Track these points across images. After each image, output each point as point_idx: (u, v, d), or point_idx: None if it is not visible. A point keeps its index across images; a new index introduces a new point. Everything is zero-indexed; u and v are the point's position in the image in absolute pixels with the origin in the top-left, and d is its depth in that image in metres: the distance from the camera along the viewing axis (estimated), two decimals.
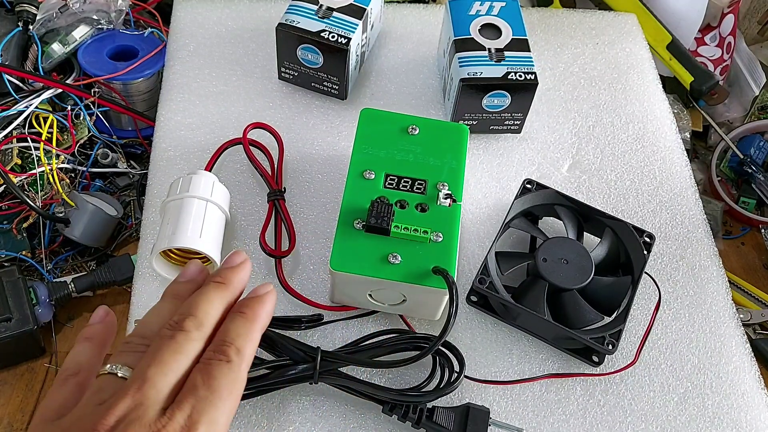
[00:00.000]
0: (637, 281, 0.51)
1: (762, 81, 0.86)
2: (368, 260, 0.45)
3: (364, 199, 0.48)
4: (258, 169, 0.56)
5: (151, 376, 0.30)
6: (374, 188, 0.49)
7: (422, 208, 0.48)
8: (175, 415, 0.29)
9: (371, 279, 0.45)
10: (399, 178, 0.49)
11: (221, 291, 0.35)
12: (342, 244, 0.46)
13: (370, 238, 0.46)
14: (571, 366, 0.51)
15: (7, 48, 0.71)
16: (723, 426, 0.49)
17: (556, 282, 0.50)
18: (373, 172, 0.49)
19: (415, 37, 0.70)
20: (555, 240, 0.52)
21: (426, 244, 0.46)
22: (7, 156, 0.67)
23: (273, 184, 0.55)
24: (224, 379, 0.31)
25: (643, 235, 0.53)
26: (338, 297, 0.50)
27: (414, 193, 0.49)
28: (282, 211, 0.54)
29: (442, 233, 0.47)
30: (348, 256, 0.46)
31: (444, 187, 0.49)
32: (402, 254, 0.46)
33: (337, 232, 0.47)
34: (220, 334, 0.33)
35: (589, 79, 0.69)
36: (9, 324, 0.60)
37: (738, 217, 0.83)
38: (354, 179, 0.49)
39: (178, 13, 0.69)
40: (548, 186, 0.55)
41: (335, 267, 0.45)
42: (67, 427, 0.30)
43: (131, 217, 0.72)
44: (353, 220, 0.47)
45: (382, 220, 0.46)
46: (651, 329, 0.52)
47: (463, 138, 0.52)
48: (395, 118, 0.53)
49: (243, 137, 0.56)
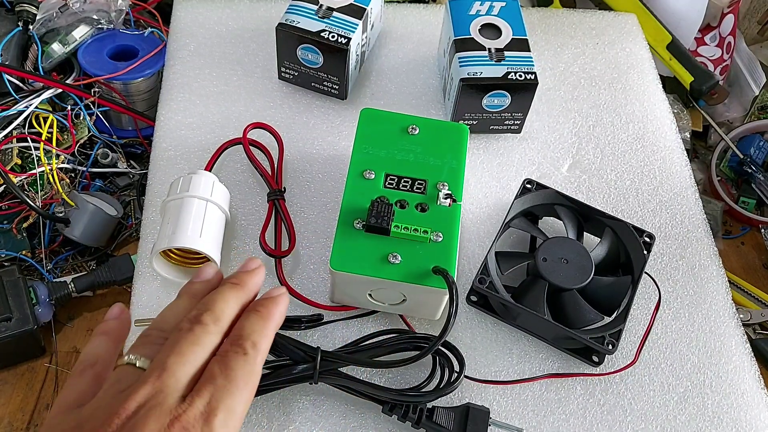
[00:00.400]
0: (636, 281, 0.51)
1: (762, 81, 0.86)
2: (368, 260, 0.45)
3: (364, 199, 0.48)
4: (258, 169, 0.56)
5: (171, 365, 0.31)
6: (374, 188, 0.49)
7: (422, 208, 0.48)
8: (194, 402, 0.30)
9: (371, 279, 0.45)
10: (399, 177, 0.49)
11: (237, 291, 0.36)
12: (342, 244, 0.46)
13: (370, 238, 0.46)
14: (571, 366, 0.51)
15: (7, 48, 0.71)
16: (723, 425, 0.49)
17: (556, 282, 0.50)
18: (373, 171, 0.49)
19: (415, 37, 0.70)
20: (555, 240, 0.52)
21: (426, 244, 0.46)
22: (7, 156, 0.67)
23: (273, 184, 0.55)
24: (241, 371, 0.32)
25: (643, 235, 0.53)
26: (338, 297, 0.50)
27: (414, 192, 0.49)
28: (282, 210, 0.54)
29: (442, 233, 0.47)
30: (348, 256, 0.46)
31: (444, 187, 0.49)
32: (402, 254, 0.46)
33: (337, 231, 0.47)
34: (236, 330, 0.34)
35: (589, 79, 0.69)
36: (9, 324, 0.60)
37: (738, 217, 0.83)
38: (354, 179, 0.49)
39: (178, 13, 0.69)
40: (548, 186, 0.55)
41: (335, 267, 0.45)
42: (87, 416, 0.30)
43: (131, 217, 0.72)
44: (353, 220, 0.47)
45: (383, 219, 0.46)
46: (651, 329, 0.52)
47: (463, 138, 0.52)
48: (395, 118, 0.53)
49: (243, 137, 0.56)
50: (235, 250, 0.54)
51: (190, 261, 0.51)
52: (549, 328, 0.50)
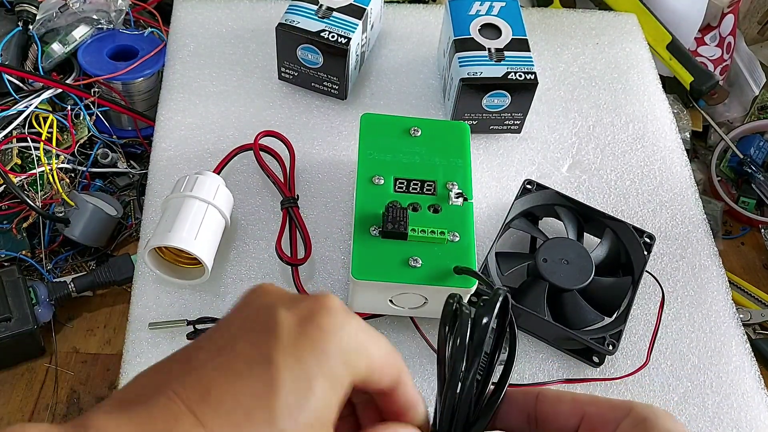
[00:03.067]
0: (637, 282, 0.51)
1: (762, 81, 0.86)
2: (390, 266, 0.45)
3: (376, 205, 0.47)
4: (270, 177, 0.55)
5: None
6: (385, 193, 0.48)
7: (435, 209, 0.48)
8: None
9: (395, 285, 0.45)
10: (408, 180, 0.49)
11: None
12: (361, 253, 0.45)
13: (389, 244, 0.46)
14: (571, 366, 0.51)
15: (7, 48, 0.71)
16: (723, 426, 0.49)
17: (557, 282, 0.50)
18: (382, 177, 0.49)
19: (415, 37, 0.70)
20: (555, 240, 0.52)
21: (444, 245, 0.46)
22: (7, 156, 0.67)
23: (286, 192, 0.55)
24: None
25: (643, 235, 0.53)
26: (358, 305, 0.49)
27: (425, 194, 0.49)
28: (296, 218, 0.53)
29: (459, 233, 0.46)
30: (369, 264, 0.45)
31: (454, 186, 0.49)
32: (422, 257, 0.45)
33: (354, 240, 0.46)
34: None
35: (589, 79, 0.69)
36: (9, 324, 0.60)
37: (738, 217, 0.83)
38: (364, 185, 0.49)
39: (178, 13, 0.69)
40: (548, 186, 0.55)
41: (358, 276, 0.45)
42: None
43: (131, 217, 0.72)
44: (369, 227, 0.46)
45: (399, 224, 0.45)
46: (658, 330, 0.52)
47: (465, 135, 0.52)
48: (396, 121, 0.53)
49: (254, 144, 0.56)
50: (235, 250, 0.54)
51: (182, 260, 0.51)
52: (549, 328, 0.50)
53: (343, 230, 0.56)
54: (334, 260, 0.54)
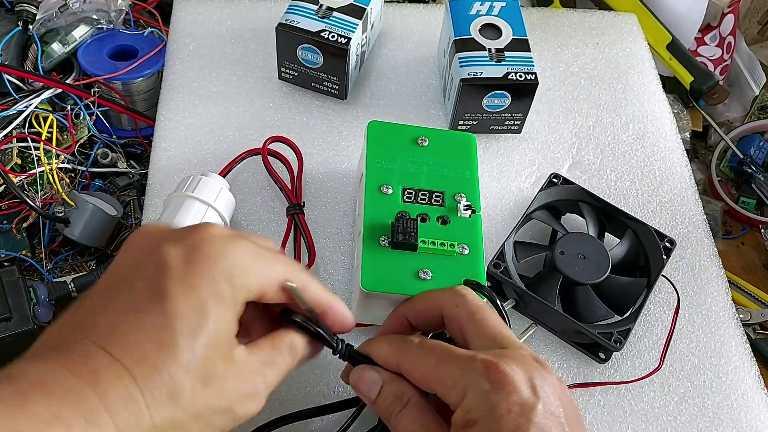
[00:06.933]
0: (652, 284, 0.51)
1: (762, 81, 0.86)
2: (400, 278, 0.44)
3: (385, 215, 0.47)
4: (277, 182, 0.55)
5: None
6: (394, 203, 0.48)
7: (443, 221, 0.47)
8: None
9: (405, 297, 0.44)
10: (416, 191, 0.48)
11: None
12: (371, 264, 0.45)
13: (398, 255, 0.45)
14: (581, 364, 0.51)
15: (6, 48, 0.71)
16: (723, 426, 0.49)
17: (571, 275, 0.50)
18: (390, 186, 0.48)
19: (415, 37, 0.70)
20: (575, 234, 0.52)
21: (454, 257, 0.46)
22: (7, 156, 0.67)
23: (292, 198, 0.55)
24: None
25: (664, 239, 0.53)
26: (363, 315, 0.48)
27: (433, 205, 0.48)
28: (301, 225, 0.53)
29: (468, 245, 0.46)
30: (379, 276, 0.44)
31: (462, 198, 0.48)
32: (432, 270, 0.45)
33: (363, 251, 0.45)
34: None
35: (589, 79, 0.69)
36: (8, 324, 0.59)
37: (738, 217, 0.83)
38: (372, 194, 0.48)
39: (178, 12, 0.69)
40: (574, 182, 0.56)
41: (368, 287, 0.44)
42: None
43: (131, 217, 0.72)
44: (378, 237, 0.46)
45: (410, 235, 0.45)
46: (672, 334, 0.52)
47: (473, 147, 0.52)
48: (403, 130, 0.52)
49: (263, 149, 0.55)
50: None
51: None
52: (559, 319, 0.50)
53: (343, 230, 0.56)
54: (335, 261, 0.54)
